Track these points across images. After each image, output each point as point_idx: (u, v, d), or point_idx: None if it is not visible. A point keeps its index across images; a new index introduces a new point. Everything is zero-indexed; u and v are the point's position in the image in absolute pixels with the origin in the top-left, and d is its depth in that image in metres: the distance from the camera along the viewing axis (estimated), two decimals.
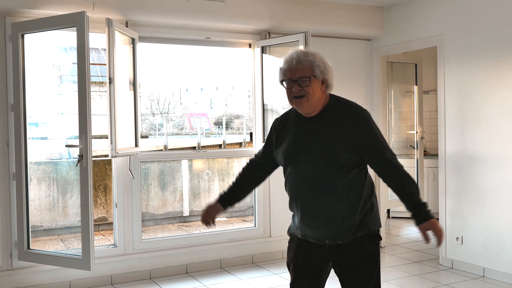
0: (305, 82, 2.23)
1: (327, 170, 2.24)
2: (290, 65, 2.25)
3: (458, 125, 4.81)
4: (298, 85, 2.23)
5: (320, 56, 2.29)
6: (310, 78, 2.23)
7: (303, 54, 2.27)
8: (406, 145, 6.77)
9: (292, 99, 2.27)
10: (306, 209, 2.32)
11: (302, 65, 2.24)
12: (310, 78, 2.23)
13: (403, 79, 6.57)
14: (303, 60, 2.24)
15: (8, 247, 4.21)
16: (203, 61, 64.35)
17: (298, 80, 2.23)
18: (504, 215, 4.42)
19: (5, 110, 4.18)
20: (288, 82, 2.26)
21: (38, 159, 6.94)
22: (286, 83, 2.27)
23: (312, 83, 2.23)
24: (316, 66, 2.25)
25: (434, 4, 5.02)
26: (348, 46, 5.67)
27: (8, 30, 4.14)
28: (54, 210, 6.75)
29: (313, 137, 2.27)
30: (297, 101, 2.26)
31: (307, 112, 2.30)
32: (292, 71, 2.24)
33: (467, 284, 4.44)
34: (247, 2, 4.89)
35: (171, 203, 7.98)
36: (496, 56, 4.46)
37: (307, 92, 2.23)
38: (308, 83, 2.22)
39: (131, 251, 4.66)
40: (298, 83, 2.23)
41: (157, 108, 39.75)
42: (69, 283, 4.37)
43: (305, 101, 2.25)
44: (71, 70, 13.58)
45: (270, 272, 4.85)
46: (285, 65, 2.27)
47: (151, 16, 4.56)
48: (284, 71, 2.27)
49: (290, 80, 2.24)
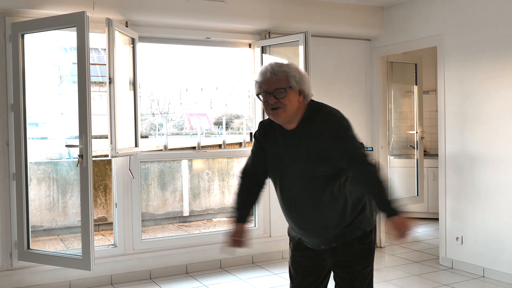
0: (281, 94, 2.21)
1: (310, 184, 2.26)
2: (265, 77, 2.23)
3: (458, 125, 4.81)
4: (274, 97, 2.21)
5: (295, 66, 2.27)
6: (286, 90, 2.21)
7: (277, 65, 2.25)
8: (406, 145, 6.77)
9: (269, 111, 2.26)
10: (296, 221, 2.38)
11: (277, 77, 2.22)
12: (286, 90, 2.21)
13: (403, 79, 6.57)
14: (278, 71, 2.23)
15: (8, 247, 4.21)
16: (203, 61, 64.27)
17: (274, 92, 2.21)
18: (504, 215, 4.42)
19: (5, 110, 4.18)
20: (264, 95, 2.24)
21: (38, 159, 6.94)
22: (262, 96, 2.26)
23: (288, 94, 2.21)
24: (291, 76, 2.22)
25: (434, 4, 5.02)
26: (348, 46, 5.67)
27: (8, 30, 4.14)
28: (54, 210, 6.75)
29: (293, 152, 2.28)
30: (273, 112, 2.24)
31: (284, 122, 2.29)
32: (267, 83, 2.22)
33: (467, 284, 4.44)
34: (247, 2, 4.89)
35: (171, 203, 7.98)
36: (496, 56, 4.46)
37: (283, 104, 2.21)
38: (284, 95, 2.21)
39: (131, 251, 4.66)
40: (274, 95, 2.21)
41: (157, 108, 39.73)
42: (69, 283, 4.37)
43: (281, 112, 2.23)
44: (71, 70, 13.58)
45: (270, 272, 4.85)
46: (260, 78, 2.25)
47: (151, 16, 4.56)
48: (260, 84, 2.25)
49: (266, 93, 2.23)
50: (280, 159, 2.32)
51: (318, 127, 2.25)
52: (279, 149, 2.33)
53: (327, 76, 5.46)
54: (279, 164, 2.33)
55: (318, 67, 5.30)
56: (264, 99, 2.26)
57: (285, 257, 5.30)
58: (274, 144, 2.36)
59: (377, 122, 5.73)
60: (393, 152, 6.75)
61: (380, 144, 5.73)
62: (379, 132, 5.73)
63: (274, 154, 2.35)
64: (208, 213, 8.29)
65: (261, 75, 2.26)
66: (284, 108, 2.22)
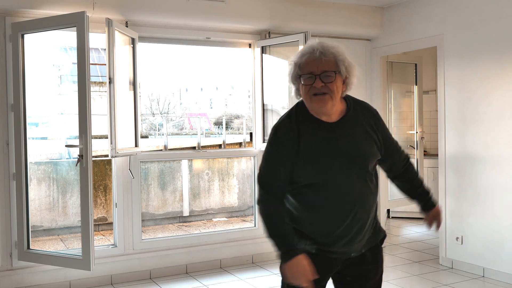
0: (329, 78, 1.92)
1: (362, 178, 2.01)
2: (312, 56, 1.93)
3: (458, 125, 4.81)
4: (320, 80, 1.91)
5: (344, 50, 2.00)
6: (336, 73, 1.93)
7: (327, 45, 1.95)
8: (406, 145, 6.77)
9: (311, 96, 1.94)
10: (341, 225, 2.00)
11: (326, 58, 1.92)
12: (336, 73, 1.93)
13: (403, 79, 6.57)
14: (327, 52, 1.93)
15: (8, 247, 4.21)
16: (203, 61, 64.34)
17: (321, 74, 1.91)
18: (504, 215, 4.42)
19: (5, 110, 4.18)
20: (308, 77, 1.92)
21: (38, 159, 6.94)
22: (304, 78, 1.93)
23: (336, 80, 1.93)
24: (340, 61, 1.95)
25: (434, 4, 5.02)
26: (348, 46, 5.64)
27: (8, 30, 4.14)
28: (54, 210, 6.76)
29: (343, 145, 1.99)
30: (318, 98, 1.93)
31: (326, 112, 1.98)
32: (315, 63, 1.91)
33: (467, 284, 4.44)
34: (247, 2, 4.89)
35: (171, 203, 7.98)
36: (496, 56, 4.46)
37: (331, 90, 1.92)
38: (333, 79, 1.92)
39: (131, 251, 4.66)
40: (321, 78, 1.91)
41: (157, 108, 39.76)
42: (69, 283, 4.37)
43: (328, 100, 1.93)
44: (71, 70, 13.59)
45: (270, 272, 4.85)
46: (304, 57, 1.94)
47: (151, 16, 4.56)
48: (303, 64, 1.94)
49: (311, 74, 1.92)
50: (328, 156, 1.97)
51: (362, 115, 2.06)
52: (323, 145, 1.98)
53: None
54: (328, 162, 1.96)
55: None
56: (307, 82, 1.93)
57: None
58: (315, 140, 1.98)
59: None
60: None
61: None
62: None
63: (318, 152, 1.97)
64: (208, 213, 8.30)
65: (306, 55, 1.94)
66: (331, 95, 1.92)
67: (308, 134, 1.98)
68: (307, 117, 2.01)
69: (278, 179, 2.00)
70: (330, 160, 1.96)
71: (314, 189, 1.98)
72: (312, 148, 1.97)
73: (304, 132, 1.98)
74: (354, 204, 1.99)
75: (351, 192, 1.99)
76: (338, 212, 1.99)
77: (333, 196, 1.98)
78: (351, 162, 1.98)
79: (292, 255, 1.92)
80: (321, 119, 1.99)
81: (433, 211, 2.25)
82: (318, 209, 2.00)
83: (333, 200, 1.98)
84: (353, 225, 2.00)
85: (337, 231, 2.00)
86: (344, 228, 1.99)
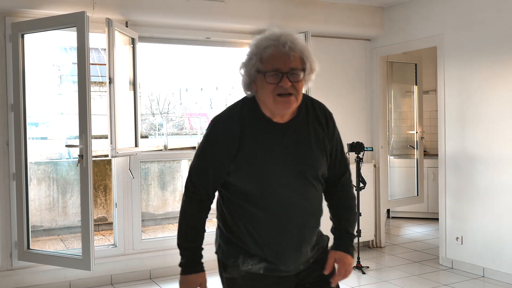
0: (297, 76, 1.68)
1: (310, 186, 1.80)
2: (279, 51, 1.66)
3: (458, 125, 4.81)
4: (288, 79, 1.66)
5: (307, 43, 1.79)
6: (303, 72, 1.70)
7: (295, 38, 1.70)
8: (406, 145, 6.77)
9: (275, 96, 1.68)
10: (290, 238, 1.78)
11: (294, 53, 1.67)
12: (303, 72, 1.70)
13: (403, 79, 6.57)
14: (296, 47, 1.68)
15: (8, 247, 4.21)
16: (203, 61, 64.28)
17: (289, 72, 1.67)
18: (504, 215, 4.42)
19: (5, 110, 4.18)
20: (274, 74, 1.67)
21: (38, 159, 6.94)
22: (269, 76, 1.67)
23: (302, 79, 1.71)
24: (306, 57, 1.71)
25: (434, 4, 5.02)
26: (348, 46, 5.67)
27: (8, 30, 4.14)
28: (54, 210, 6.75)
29: (291, 149, 1.76)
30: (284, 100, 1.68)
31: (286, 114, 1.76)
32: (282, 59, 1.66)
33: (467, 284, 4.44)
34: (247, 2, 4.89)
35: (171, 203, 7.98)
36: (496, 56, 4.46)
37: (297, 91, 1.69)
38: (300, 78, 1.69)
39: (131, 251, 4.66)
40: (288, 77, 1.67)
41: (157, 108, 39.75)
42: (69, 283, 4.37)
43: (294, 101, 1.70)
44: (71, 70, 13.58)
45: None
46: (269, 50, 1.67)
47: (151, 16, 4.56)
48: (267, 58, 1.67)
49: (277, 72, 1.66)
50: (273, 161, 1.74)
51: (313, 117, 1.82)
52: (268, 147, 1.74)
53: (327, 76, 5.45)
54: (272, 168, 1.74)
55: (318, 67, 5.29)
56: (272, 81, 1.67)
57: None
58: (260, 141, 1.74)
59: (377, 122, 5.73)
60: (393, 152, 6.75)
61: (380, 144, 5.73)
62: (379, 132, 5.73)
63: (262, 156, 1.73)
64: None
65: (271, 47, 1.67)
66: (297, 96, 1.70)
67: (253, 134, 1.73)
68: (254, 114, 1.76)
69: (207, 181, 1.77)
70: (273, 166, 1.74)
71: (256, 198, 1.75)
72: (255, 150, 1.72)
73: (249, 131, 1.73)
74: (302, 214, 1.79)
75: (298, 202, 1.77)
76: (284, 222, 1.76)
77: (278, 206, 1.75)
78: (298, 169, 1.76)
79: (192, 271, 1.81)
80: (273, 119, 1.76)
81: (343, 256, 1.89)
82: (262, 220, 1.76)
83: (278, 210, 1.75)
84: (303, 234, 1.80)
85: (283, 243, 1.78)
86: (291, 239, 1.78)
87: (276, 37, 1.68)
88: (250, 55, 1.72)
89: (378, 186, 5.70)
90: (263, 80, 1.69)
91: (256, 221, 1.77)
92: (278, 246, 1.78)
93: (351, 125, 5.63)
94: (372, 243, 5.71)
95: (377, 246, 5.72)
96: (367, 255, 5.36)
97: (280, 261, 1.79)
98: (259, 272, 1.80)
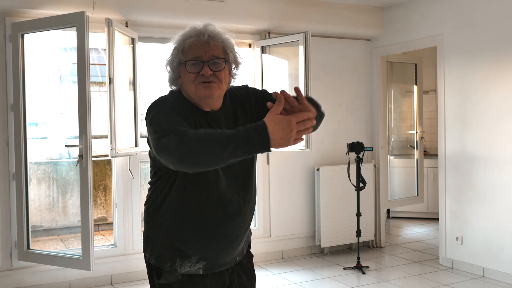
0: (218, 65, 1.71)
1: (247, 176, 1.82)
2: (198, 40, 1.70)
3: (458, 125, 4.81)
4: (209, 68, 1.69)
5: (231, 37, 1.80)
6: (225, 61, 1.73)
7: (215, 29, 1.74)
8: (406, 145, 6.77)
9: (197, 85, 1.70)
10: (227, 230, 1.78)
11: (215, 42, 1.71)
12: (225, 61, 1.73)
13: (403, 79, 6.57)
14: (216, 36, 1.72)
15: (8, 247, 4.21)
16: None
17: (209, 61, 1.70)
18: (504, 215, 4.42)
19: (5, 110, 4.18)
20: (194, 63, 1.69)
21: (38, 159, 6.94)
22: (190, 65, 1.70)
23: (225, 69, 1.73)
24: (228, 48, 1.75)
25: (434, 4, 5.02)
26: (348, 46, 5.67)
27: (8, 30, 4.14)
28: (54, 210, 6.75)
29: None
30: (205, 86, 1.69)
31: (212, 104, 1.75)
32: (201, 47, 1.69)
33: (467, 284, 4.44)
34: (247, 2, 4.89)
35: None
36: (496, 56, 4.46)
37: (219, 79, 1.71)
38: (222, 67, 1.72)
39: (131, 251, 4.66)
40: (209, 66, 1.69)
41: None
42: (69, 283, 4.37)
43: (216, 88, 1.71)
44: (71, 70, 13.55)
45: (270, 272, 4.85)
46: (189, 41, 1.71)
47: (151, 16, 4.56)
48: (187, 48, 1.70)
49: (197, 60, 1.69)
50: None
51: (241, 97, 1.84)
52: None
53: (327, 76, 5.46)
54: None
55: (318, 67, 5.30)
56: (192, 70, 1.70)
57: (285, 257, 5.30)
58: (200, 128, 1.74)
59: (377, 122, 5.73)
60: (393, 152, 6.75)
61: (380, 144, 5.73)
62: (379, 132, 5.73)
63: None
64: None
65: (191, 38, 1.71)
66: (219, 85, 1.71)
67: (193, 119, 1.71)
68: (185, 104, 1.74)
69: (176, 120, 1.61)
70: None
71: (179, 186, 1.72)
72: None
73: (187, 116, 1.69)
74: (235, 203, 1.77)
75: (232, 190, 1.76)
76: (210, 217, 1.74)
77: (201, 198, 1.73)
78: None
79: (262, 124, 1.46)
80: (202, 108, 1.75)
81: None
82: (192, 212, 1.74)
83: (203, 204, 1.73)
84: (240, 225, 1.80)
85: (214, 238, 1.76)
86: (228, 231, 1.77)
87: (194, 28, 1.73)
88: (173, 50, 1.74)
89: (378, 186, 5.70)
90: (185, 72, 1.71)
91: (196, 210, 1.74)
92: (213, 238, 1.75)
93: (351, 125, 5.63)
94: (372, 243, 5.71)
95: (377, 246, 5.72)
96: (367, 255, 5.36)
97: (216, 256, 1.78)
98: (198, 273, 1.78)
